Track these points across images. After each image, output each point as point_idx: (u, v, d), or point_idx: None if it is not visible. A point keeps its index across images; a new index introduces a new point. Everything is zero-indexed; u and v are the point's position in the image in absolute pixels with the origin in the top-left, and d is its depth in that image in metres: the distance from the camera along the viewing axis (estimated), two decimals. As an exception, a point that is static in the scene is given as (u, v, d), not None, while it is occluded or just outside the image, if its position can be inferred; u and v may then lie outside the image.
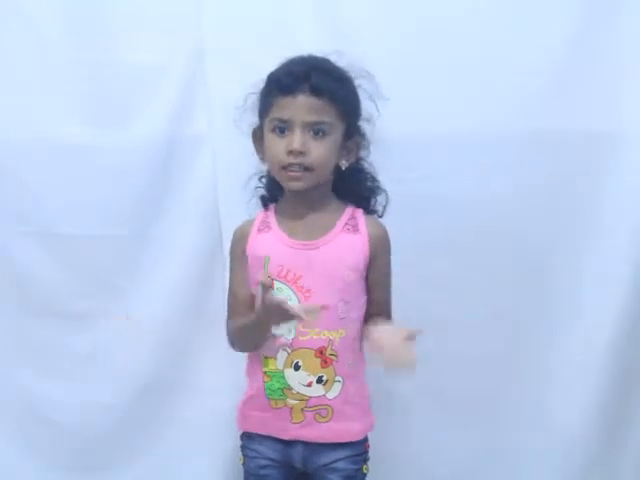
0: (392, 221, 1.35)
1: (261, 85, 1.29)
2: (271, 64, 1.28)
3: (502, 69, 1.51)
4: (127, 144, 1.59)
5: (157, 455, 1.69)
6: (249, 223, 1.34)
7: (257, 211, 1.38)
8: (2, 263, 1.67)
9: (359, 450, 1.30)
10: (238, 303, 1.32)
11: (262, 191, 1.39)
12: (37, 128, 1.59)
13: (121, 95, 1.58)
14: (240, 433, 1.36)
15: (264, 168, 1.37)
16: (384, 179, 1.38)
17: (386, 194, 1.36)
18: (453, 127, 1.52)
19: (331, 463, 1.28)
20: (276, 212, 1.33)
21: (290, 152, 1.22)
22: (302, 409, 1.26)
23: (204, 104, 1.56)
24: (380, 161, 1.37)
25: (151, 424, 1.69)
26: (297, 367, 1.25)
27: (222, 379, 1.57)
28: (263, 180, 1.39)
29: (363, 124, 1.32)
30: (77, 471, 1.72)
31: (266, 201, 1.38)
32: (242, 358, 1.33)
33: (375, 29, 1.51)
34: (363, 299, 1.30)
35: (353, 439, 1.29)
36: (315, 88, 1.21)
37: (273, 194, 1.37)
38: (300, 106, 1.22)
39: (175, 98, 1.58)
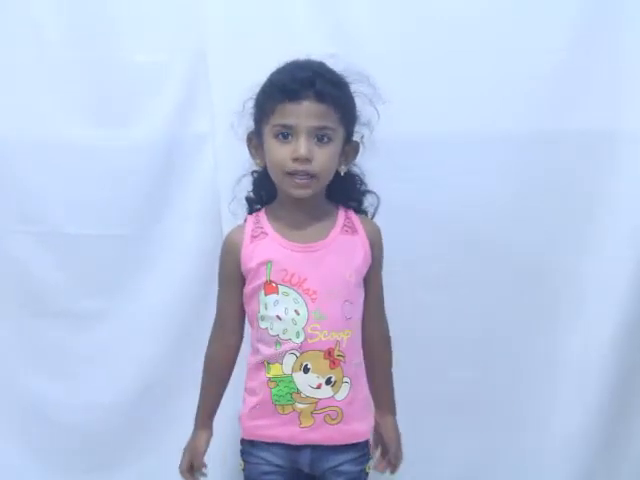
0: (392, 221, 1.34)
1: (257, 89, 1.27)
2: (273, 64, 1.27)
3: (502, 70, 1.51)
4: (129, 144, 1.60)
5: (157, 455, 1.68)
6: (239, 231, 1.30)
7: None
8: (2, 263, 1.67)
9: (363, 451, 1.29)
10: (224, 326, 1.33)
11: (250, 193, 1.36)
12: (38, 128, 1.60)
13: (123, 95, 1.59)
14: (240, 438, 1.32)
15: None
16: (383, 180, 1.36)
17: (377, 196, 1.35)
18: (453, 128, 1.53)
19: (337, 466, 1.27)
20: (268, 217, 1.29)
21: (296, 159, 1.20)
22: (311, 412, 1.24)
23: (206, 104, 1.56)
24: (378, 162, 1.36)
25: (152, 424, 1.69)
26: (306, 370, 1.23)
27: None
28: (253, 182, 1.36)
29: (361, 128, 1.31)
30: (77, 471, 1.72)
31: (252, 203, 1.35)
32: (244, 358, 1.32)
33: (376, 30, 1.51)
34: (362, 298, 1.30)
35: (359, 439, 1.28)
36: (320, 94, 1.20)
37: (262, 197, 1.34)
38: (305, 112, 1.20)
39: (177, 98, 1.58)
